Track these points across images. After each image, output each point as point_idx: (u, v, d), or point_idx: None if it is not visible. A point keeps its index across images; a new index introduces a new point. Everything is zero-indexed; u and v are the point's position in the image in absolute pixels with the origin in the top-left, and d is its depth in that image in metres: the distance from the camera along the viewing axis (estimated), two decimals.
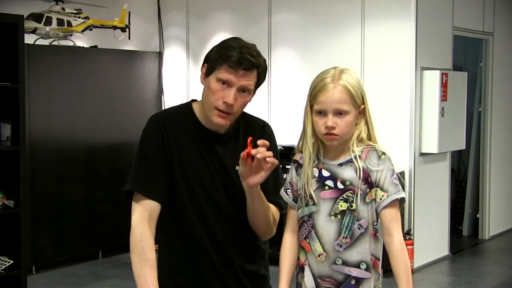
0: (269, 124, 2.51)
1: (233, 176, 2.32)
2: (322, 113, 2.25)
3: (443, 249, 6.96)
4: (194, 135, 2.33)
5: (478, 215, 7.87)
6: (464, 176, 8.21)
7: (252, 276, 2.40)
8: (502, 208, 8.09)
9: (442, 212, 6.87)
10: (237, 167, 2.31)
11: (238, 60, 2.20)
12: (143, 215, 2.24)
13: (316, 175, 2.28)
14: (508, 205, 8.21)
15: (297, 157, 2.35)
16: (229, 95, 2.22)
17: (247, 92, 2.26)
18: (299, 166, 2.33)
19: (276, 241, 2.41)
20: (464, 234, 7.94)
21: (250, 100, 2.30)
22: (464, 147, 7.15)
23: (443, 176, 6.87)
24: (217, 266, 2.33)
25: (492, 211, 7.86)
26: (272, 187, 2.37)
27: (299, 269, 2.34)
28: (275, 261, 2.36)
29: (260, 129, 2.42)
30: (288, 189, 2.35)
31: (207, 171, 2.31)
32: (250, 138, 2.18)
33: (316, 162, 2.30)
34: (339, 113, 2.23)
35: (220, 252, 2.33)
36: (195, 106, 2.38)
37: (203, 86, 2.32)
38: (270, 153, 2.17)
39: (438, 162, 6.72)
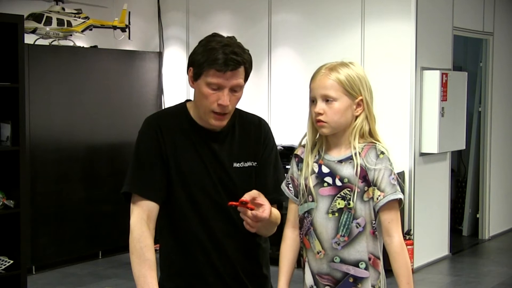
0: (268, 122, 2.50)
1: (231, 173, 2.32)
2: (314, 101, 2.25)
3: (443, 249, 6.96)
4: (190, 134, 2.33)
5: (478, 215, 7.86)
6: (464, 176, 8.20)
7: (253, 275, 2.40)
8: (502, 208, 8.08)
9: (442, 212, 6.87)
10: (234, 164, 2.32)
11: (224, 62, 2.20)
12: (142, 216, 2.25)
13: (316, 170, 2.26)
14: (508, 205, 8.21)
15: (298, 151, 2.34)
16: (223, 97, 2.24)
17: (238, 89, 2.28)
18: (300, 160, 2.32)
19: (277, 241, 2.40)
20: (464, 234, 7.94)
21: (242, 94, 2.31)
22: (464, 147, 7.14)
23: (443, 176, 6.87)
24: (217, 265, 2.33)
25: (492, 211, 7.86)
26: (272, 184, 2.37)
27: (302, 265, 2.33)
28: (276, 261, 2.35)
29: (256, 126, 2.42)
30: (290, 184, 2.34)
31: (204, 169, 2.31)
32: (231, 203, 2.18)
33: (317, 157, 2.28)
34: (326, 99, 2.22)
35: (220, 251, 2.33)
36: (189, 106, 2.39)
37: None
38: (250, 214, 2.17)
39: (438, 162, 6.72)
